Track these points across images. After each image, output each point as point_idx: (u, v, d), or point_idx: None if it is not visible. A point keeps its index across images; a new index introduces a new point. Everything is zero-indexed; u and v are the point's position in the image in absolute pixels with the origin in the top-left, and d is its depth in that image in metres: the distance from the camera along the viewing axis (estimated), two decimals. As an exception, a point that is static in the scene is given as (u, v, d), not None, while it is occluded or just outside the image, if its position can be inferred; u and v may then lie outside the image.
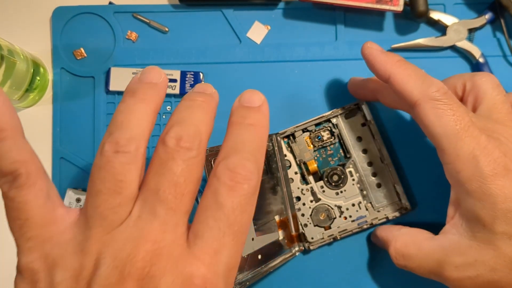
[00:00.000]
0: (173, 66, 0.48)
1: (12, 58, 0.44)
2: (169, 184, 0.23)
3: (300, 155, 0.42)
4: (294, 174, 0.42)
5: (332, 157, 0.42)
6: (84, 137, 0.48)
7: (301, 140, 0.42)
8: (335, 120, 0.42)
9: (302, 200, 0.42)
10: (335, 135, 0.42)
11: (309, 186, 0.42)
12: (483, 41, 0.47)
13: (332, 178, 0.42)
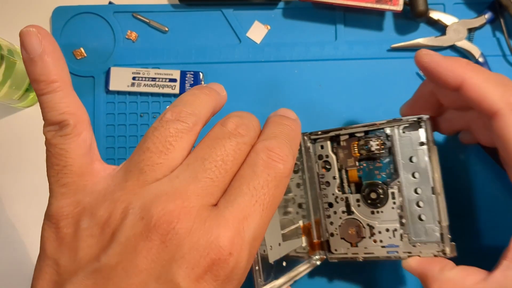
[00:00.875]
0: (173, 66, 0.48)
1: (12, 58, 0.44)
2: (218, 157, 0.24)
3: (343, 160, 0.38)
4: (332, 178, 0.39)
5: (381, 170, 0.37)
6: (84, 137, 0.48)
7: (347, 145, 0.38)
8: (389, 130, 0.36)
9: (334, 207, 0.39)
10: (386, 148, 0.36)
11: (344, 195, 0.38)
12: (483, 41, 0.47)
13: (370, 194, 0.37)
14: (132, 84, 0.47)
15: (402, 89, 0.47)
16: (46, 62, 0.24)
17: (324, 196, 0.39)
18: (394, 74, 0.47)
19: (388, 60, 0.47)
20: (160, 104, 0.48)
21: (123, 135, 0.48)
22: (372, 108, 0.47)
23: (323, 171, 0.39)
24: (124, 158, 0.47)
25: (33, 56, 0.24)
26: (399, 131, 0.36)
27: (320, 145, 0.39)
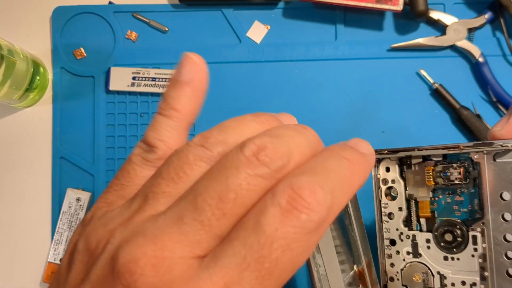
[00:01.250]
0: (173, 66, 0.48)
1: (12, 57, 0.44)
2: (215, 194, 0.18)
3: (414, 188, 0.31)
4: (398, 210, 0.31)
5: (461, 206, 0.30)
6: (84, 137, 0.48)
7: (420, 170, 0.31)
8: (477, 157, 0.28)
9: (398, 246, 0.31)
10: (470, 178, 0.29)
11: (411, 233, 0.31)
12: (483, 41, 0.47)
13: (444, 236, 0.30)
14: (132, 84, 0.47)
15: (402, 89, 0.47)
16: (183, 91, 0.23)
17: (386, 230, 0.32)
18: (394, 74, 0.47)
19: (388, 60, 0.47)
20: (160, 104, 0.48)
21: (123, 135, 0.48)
22: (372, 108, 0.47)
23: (387, 199, 0.32)
24: (124, 158, 0.47)
25: (178, 79, 0.24)
26: (490, 159, 0.28)
27: (385, 166, 0.31)
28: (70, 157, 0.47)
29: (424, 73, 0.46)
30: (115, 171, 0.47)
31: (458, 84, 0.47)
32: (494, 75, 0.46)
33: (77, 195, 0.47)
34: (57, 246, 0.46)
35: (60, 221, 0.47)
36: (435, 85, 0.46)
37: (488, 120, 0.45)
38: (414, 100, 0.47)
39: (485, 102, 0.47)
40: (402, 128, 0.47)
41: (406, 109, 0.47)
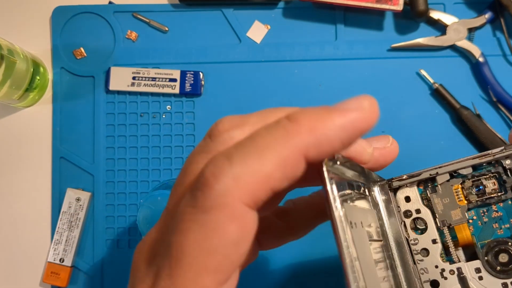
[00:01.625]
0: (173, 66, 0.48)
1: (12, 57, 0.44)
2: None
3: (445, 213, 0.27)
4: (432, 243, 0.26)
5: (501, 222, 0.26)
6: (84, 137, 0.48)
7: (447, 190, 0.26)
8: (509, 162, 0.25)
9: (442, 287, 0.26)
10: (507, 186, 0.26)
11: (455, 266, 0.26)
12: (483, 41, 0.47)
13: (498, 257, 0.26)
14: (132, 84, 0.47)
15: (402, 89, 0.47)
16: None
17: (423, 271, 0.26)
18: (394, 74, 0.47)
19: (388, 60, 0.47)
20: (160, 104, 0.48)
21: (123, 135, 0.48)
22: (372, 108, 0.47)
23: (414, 234, 0.27)
24: (124, 158, 0.47)
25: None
26: None
27: (404, 196, 0.27)
28: (70, 157, 0.47)
29: (424, 73, 0.46)
30: (115, 171, 0.47)
31: (458, 84, 0.47)
32: (494, 75, 0.46)
33: (77, 195, 0.47)
34: (57, 246, 0.46)
35: (60, 221, 0.47)
36: (435, 85, 0.46)
37: (488, 120, 0.45)
38: (414, 100, 0.47)
39: (485, 102, 0.47)
40: (402, 128, 0.47)
41: (406, 109, 0.47)
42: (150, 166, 0.47)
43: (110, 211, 0.47)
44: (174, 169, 0.47)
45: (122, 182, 0.47)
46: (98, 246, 0.47)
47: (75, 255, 0.47)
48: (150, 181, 0.47)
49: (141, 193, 0.47)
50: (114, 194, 0.47)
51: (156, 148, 0.47)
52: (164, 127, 0.48)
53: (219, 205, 0.16)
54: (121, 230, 0.47)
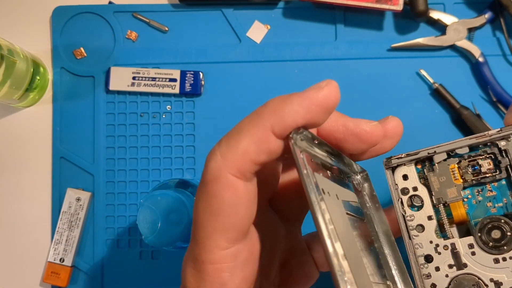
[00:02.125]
0: (173, 66, 0.48)
1: (12, 57, 0.44)
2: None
3: (441, 191, 0.27)
4: (427, 219, 0.27)
5: (495, 201, 0.27)
6: (84, 137, 0.48)
7: (444, 169, 0.27)
8: (504, 143, 0.26)
9: (435, 262, 0.27)
10: (502, 167, 0.26)
11: (449, 241, 0.27)
12: (483, 41, 0.47)
13: (491, 234, 0.26)
14: (132, 84, 0.47)
15: (402, 89, 0.47)
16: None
17: (418, 246, 0.27)
18: (394, 74, 0.47)
19: (388, 60, 0.47)
20: (160, 104, 0.48)
21: (123, 134, 0.48)
22: (372, 107, 0.47)
23: (410, 211, 0.27)
24: (124, 158, 0.47)
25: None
26: None
27: (402, 174, 0.27)
28: (70, 157, 0.47)
29: (424, 73, 0.47)
30: (115, 171, 0.47)
31: (458, 84, 0.47)
32: (494, 75, 0.46)
33: (77, 195, 0.47)
34: (57, 246, 0.46)
35: (60, 221, 0.47)
36: (435, 85, 0.46)
37: (488, 120, 0.45)
38: (414, 100, 0.47)
39: (485, 102, 0.47)
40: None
41: (406, 109, 0.47)
42: (150, 166, 0.47)
43: (110, 211, 0.47)
44: (174, 169, 0.47)
45: (122, 182, 0.47)
46: (98, 246, 0.47)
47: (75, 255, 0.47)
48: (150, 181, 0.47)
49: (141, 193, 0.47)
50: (114, 194, 0.47)
51: (156, 148, 0.47)
52: (164, 127, 0.48)
53: (214, 177, 0.20)
54: (121, 230, 0.47)
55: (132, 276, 0.47)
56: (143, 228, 0.36)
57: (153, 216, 0.36)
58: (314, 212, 0.18)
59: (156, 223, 0.36)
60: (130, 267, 0.47)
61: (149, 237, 0.36)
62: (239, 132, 0.21)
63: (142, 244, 0.47)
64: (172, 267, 0.46)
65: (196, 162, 0.47)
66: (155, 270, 0.47)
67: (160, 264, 0.47)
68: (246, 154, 0.20)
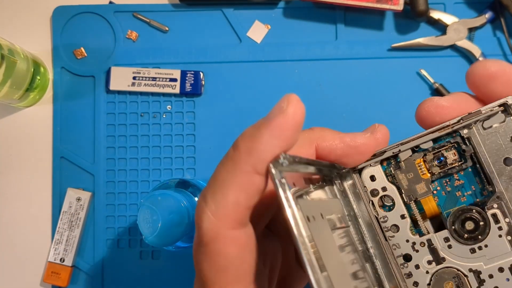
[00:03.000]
0: (173, 66, 0.48)
1: (12, 57, 0.44)
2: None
3: (410, 188, 0.27)
4: (400, 218, 0.27)
5: (463, 190, 0.27)
6: (84, 137, 0.48)
7: (410, 165, 0.27)
8: (466, 131, 0.26)
9: (414, 260, 0.27)
10: (466, 155, 0.26)
11: (425, 238, 0.27)
12: (483, 40, 0.47)
13: (465, 225, 0.26)
14: (132, 84, 0.47)
15: (402, 89, 0.47)
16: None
17: (395, 247, 0.27)
18: (394, 73, 0.47)
19: (388, 60, 0.47)
20: (160, 104, 0.48)
21: (123, 134, 0.48)
22: (372, 107, 0.47)
23: (383, 211, 0.27)
24: (124, 158, 0.47)
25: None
26: (479, 129, 0.26)
27: (369, 175, 0.27)
28: (70, 156, 0.47)
29: (424, 73, 0.47)
30: (116, 171, 0.47)
31: (459, 84, 0.47)
32: (494, 75, 0.46)
33: (77, 195, 0.47)
34: (57, 246, 0.46)
35: (61, 221, 0.47)
36: (436, 84, 0.46)
37: (488, 120, 0.45)
38: (414, 100, 0.47)
39: (485, 102, 0.47)
40: (402, 128, 0.47)
41: (406, 109, 0.47)
42: (151, 165, 0.47)
43: (110, 211, 0.47)
44: (174, 169, 0.47)
45: (122, 182, 0.47)
46: (99, 245, 0.47)
47: (76, 255, 0.47)
48: (151, 181, 0.47)
49: (141, 193, 0.47)
50: (115, 194, 0.47)
51: (157, 148, 0.47)
52: (164, 127, 0.48)
53: (212, 238, 0.20)
54: (122, 230, 0.47)
55: (132, 276, 0.47)
56: (143, 228, 0.36)
57: (154, 216, 0.36)
58: (300, 250, 0.19)
59: (157, 223, 0.36)
60: (130, 267, 0.47)
61: (149, 237, 0.36)
62: (222, 185, 0.20)
63: (142, 244, 0.47)
64: (172, 267, 0.47)
65: (196, 162, 0.47)
66: (155, 270, 0.47)
67: (160, 264, 0.47)
68: (238, 205, 0.20)
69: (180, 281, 0.46)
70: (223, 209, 0.20)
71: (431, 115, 0.25)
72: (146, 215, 0.36)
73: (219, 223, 0.20)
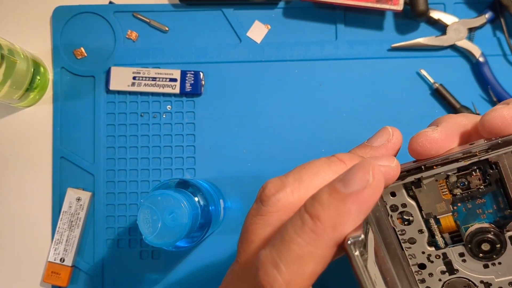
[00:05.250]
0: (173, 66, 0.48)
1: (12, 57, 0.44)
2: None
3: (430, 207, 0.27)
4: (418, 232, 0.27)
5: (484, 208, 0.27)
6: (84, 137, 0.48)
7: (432, 186, 0.27)
8: (494, 157, 0.25)
9: (429, 269, 0.28)
10: (491, 179, 0.26)
11: (440, 251, 0.27)
12: (483, 40, 0.47)
13: (481, 246, 0.26)
14: (132, 84, 0.47)
15: (402, 89, 0.47)
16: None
17: (410, 257, 0.28)
18: (394, 73, 0.47)
19: (388, 60, 0.47)
20: (160, 104, 0.48)
21: (123, 134, 0.48)
22: (372, 107, 0.47)
23: (401, 224, 0.28)
24: (124, 158, 0.47)
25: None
26: (509, 155, 0.25)
27: (389, 192, 0.27)
28: (70, 156, 0.47)
29: (424, 73, 0.47)
30: (116, 171, 0.47)
31: (459, 84, 0.47)
32: (494, 74, 0.46)
33: (77, 195, 0.47)
34: (57, 245, 0.46)
35: (61, 220, 0.47)
36: (435, 85, 0.46)
37: (488, 120, 0.45)
38: (414, 100, 0.47)
39: (485, 102, 0.47)
40: (402, 128, 0.46)
41: (406, 109, 0.47)
42: (151, 165, 0.47)
43: (110, 210, 0.47)
44: (174, 169, 0.47)
45: (122, 182, 0.47)
46: (99, 245, 0.47)
47: (76, 255, 0.47)
48: (151, 181, 0.47)
49: (141, 193, 0.47)
50: (115, 194, 0.47)
51: (157, 148, 0.47)
52: (164, 127, 0.48)
53: None
54: (122, 229, 0.47)
55: (132, 276, 0.47)
56: (143, 228, 0.36)
57: (154, 216, 0.36)
58: None
59: (157, 223, 0.36)
60: (130, 267, 0.47)
61: (149, 237, 0.36)
62: (300, 257, 0.20)
63: (142, 244, 0.47)
64: (172, 267, 0.47)
65: (196, 162, 0.47)
66: (155, 270, 0.47)
67: (160, 264, 0.47)
68: (314, 275, 0.20)
69: (180, 281, 0.46)
70: (298, 280, 0.20)
71: (425, 150, 0.25)
72: (146, 215, 0.36)
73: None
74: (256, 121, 0.47)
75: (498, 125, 0.24)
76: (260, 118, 0.47)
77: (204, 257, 0.47)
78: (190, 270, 0.47)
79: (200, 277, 0.47)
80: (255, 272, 0.21)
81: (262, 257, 0.20)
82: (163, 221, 0.36)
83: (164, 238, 0.36)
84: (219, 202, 0.44)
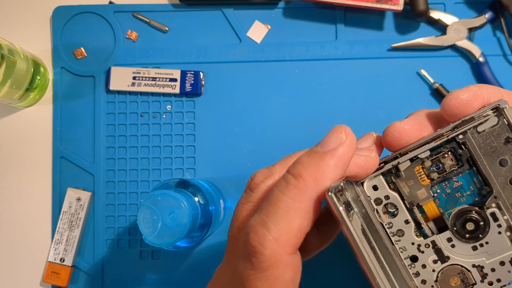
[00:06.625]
0: (173, 66, 0.48)
1: (12, 57, 0.44)
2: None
3: (411, 195, 0.28)
4: (405, 223, 0.28)
5: (463, 191, 0.28)
6: (84, 137, 0.48)
7: (410, 173, 0.28)
8: (461, 137, 0.27)
9: (421, 260, 0.28)
10: (463, 159, 0.28)
11: (429, 240, 0.28)
12: (483, 40, 0.47)
13: (465, 226, 0.28)
14: (132, 84, 0.47)
15: (402, 89, 0.47)
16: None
17: (402, 250, 0.28)
18: (394, 73, 0.47)
19: (388, 60, 0.47)
20: (160, 104, 0.48)
21: (123, 134, 0.48)
22: (372, 107, 0.47)
23: (388, 217, 0.28)
24: (124, 158, 0.47)
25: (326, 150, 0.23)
26: (474, 133, 0.27)
27: (372, 185, 0.29)
28: (70, 156, 0.47)
29: (424, 73, 0.47)
30: (116, 171, 0.47)
31: (459, 83, 0.47)
32: (494, 75, 0.46)
33: (77, 195, 0.47)
34: (57, 245, 0.46)
35: (61, 220, 0.47)
36: (436, 84, 0.46)
37: (488, 120, 0.45)
38: (414, 100, 0.47)
39: (485, 102, 0.47)
40: (403, 128, 0.47)
41: (406, 109, 0.47)
42: (151, 165, 0.47)
43: (110, 210, 0.47)
44: (174, 168, 0.47)
45: (122, 182, 0.47)
46: (99, 245, 0.47)
47: (76, 255, 0.47)
48: (151, 181, 0.47)
49: (141, 192, 0.47)
50: (115, 193, 0.47)
51: (157, 148, 0.47)
52: (164, 126, 0.48)
53: (273, 263, 0.21)
54: (122, 229, 0.47)
55: (132, 276, 0.47)
56: (143, 228, 0.36)
57: (154, 216, 0.36)
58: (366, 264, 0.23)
59: (157, 223, 0.36)
60: (130, 267, 0.47)
61: (149, 237, 0.36)
62: (286, 213, 0.21)
63: (142, 244, 0.47)
64: (172, 267, 0.47)
65: (196, 162, 0.47)
66: (155, 270, 0.47)
67: (160, 264, 0.47)
68: (301, 231, 0.21)
69: (180, 281, 0.46)
70: (287, 235, 0.21)
71: (396, 140, 0.27)
72: (146, 215, 0.36)
73: (281, 249, 0.21)
74: (256, 121, 0.47)
75: (456, 107, 0.26)
76: (260, 118, 0.47)
77: (204, 257, 0.47)
78: (190, 270, 0.47)
79: (200, 277, 0.47)
80: (245, 238, 0.22)
81: (252, 222, 0.22)
82: (163, 221, 0.36)
83: (164, 238, 0.36)
84: (219, 202, 0.44)
